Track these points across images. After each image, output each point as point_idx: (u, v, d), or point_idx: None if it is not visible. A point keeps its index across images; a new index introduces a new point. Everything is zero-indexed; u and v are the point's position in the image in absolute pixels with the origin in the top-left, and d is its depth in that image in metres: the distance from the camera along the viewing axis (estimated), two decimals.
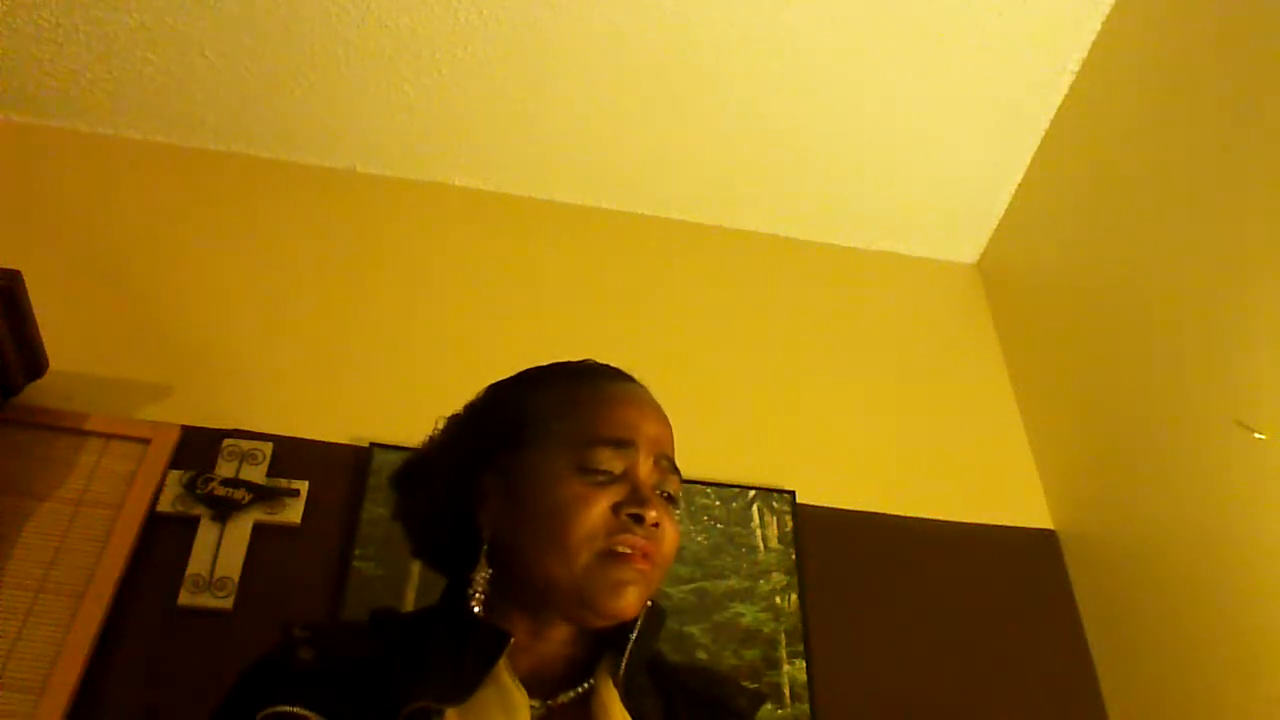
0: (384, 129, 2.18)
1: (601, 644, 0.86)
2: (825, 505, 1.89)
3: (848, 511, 1.91)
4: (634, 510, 0.84)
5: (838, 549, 1.86)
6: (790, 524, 1.84)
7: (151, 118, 2.15)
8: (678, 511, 0.92)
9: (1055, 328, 2.14)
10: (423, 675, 0.79)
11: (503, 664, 0.79)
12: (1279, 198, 1.57)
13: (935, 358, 2.24)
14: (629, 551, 0.83)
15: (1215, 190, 1.71)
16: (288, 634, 0.87)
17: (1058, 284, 2.16)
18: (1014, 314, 2.29)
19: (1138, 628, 1.78)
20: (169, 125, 2.17)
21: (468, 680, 0.78)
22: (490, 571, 0.86)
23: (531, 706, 0.79)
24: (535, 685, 0.81)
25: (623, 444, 0.88)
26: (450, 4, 1.97)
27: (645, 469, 0.88)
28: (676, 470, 0.92)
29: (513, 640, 0.80)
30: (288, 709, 0.76)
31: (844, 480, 1.95)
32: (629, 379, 0.99)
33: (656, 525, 0.85)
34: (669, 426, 0.95)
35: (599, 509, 0.84)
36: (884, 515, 1.93)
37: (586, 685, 0.82)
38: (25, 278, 1.53)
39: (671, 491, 0.90)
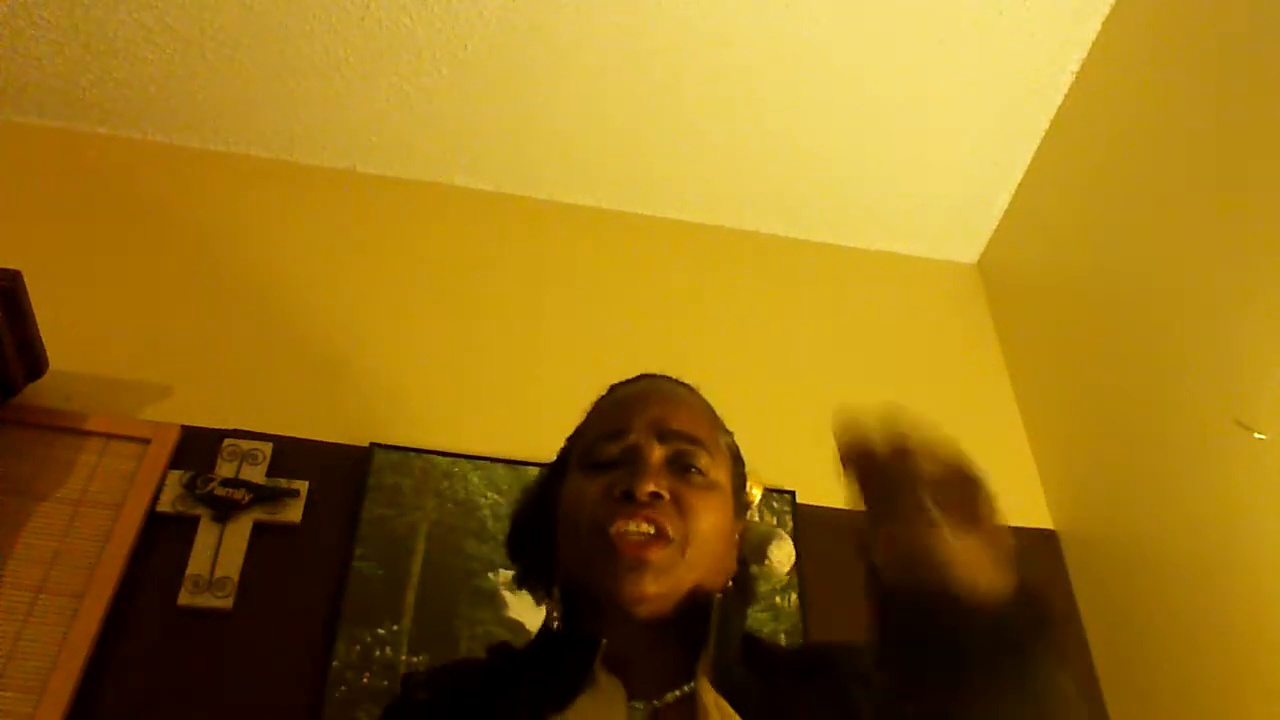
0: (384, 129, 2.18)
1: (701, 642, 0.83)
2: (825, 505, 1.89)
3: (848, 512, 1.90)
4: (624, 485, 0.83)
5: (838, 549, 1.85)
6: (790, 524, 1.84)
7: (151, 118, 2.15)
8: (717, 487, 0.88)
9: (1055, 328, 2.14)
10: (525, 691, 0.80)
11: (599, 669, 0.79)
12: (1278, 197, 1.57)
13: (935, 358, 2.24)
14: (624, 532, 0.81)
15: (1215, 190, 1.71)
16: (406, 683, 0.90)
17: (1058, 284, 2.16)
18: (1014, 314, 2.29)
19: (1138, 628, 1.78)
20: (169, 125, 2.17)
21: (566, 688, 0.78)
22: (561, 593, 0.88)
23: (636, 708, 0.78)
24: (641, 688, 0.79)
25: (616, 434, 0.88)
26: (450, 4, 1.97)
27: (650, 447, 0.86)
28: (699, 442, 0.89)
29: (604, 643, 0.80)
30: None
31: (844, 480, 1.95)
32: (651, 378, 0.98)
33: (659, 496, 0.82)
34: (687, 407, 0.93)
35: (594, 495, 0.84)
36: None
37: (690, 686, 0.80)
38: (25, 278, 1.53)
39: (698, 465, 0.87)
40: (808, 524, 1.85)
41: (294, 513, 1.67)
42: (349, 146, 2.22)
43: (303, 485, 1.70)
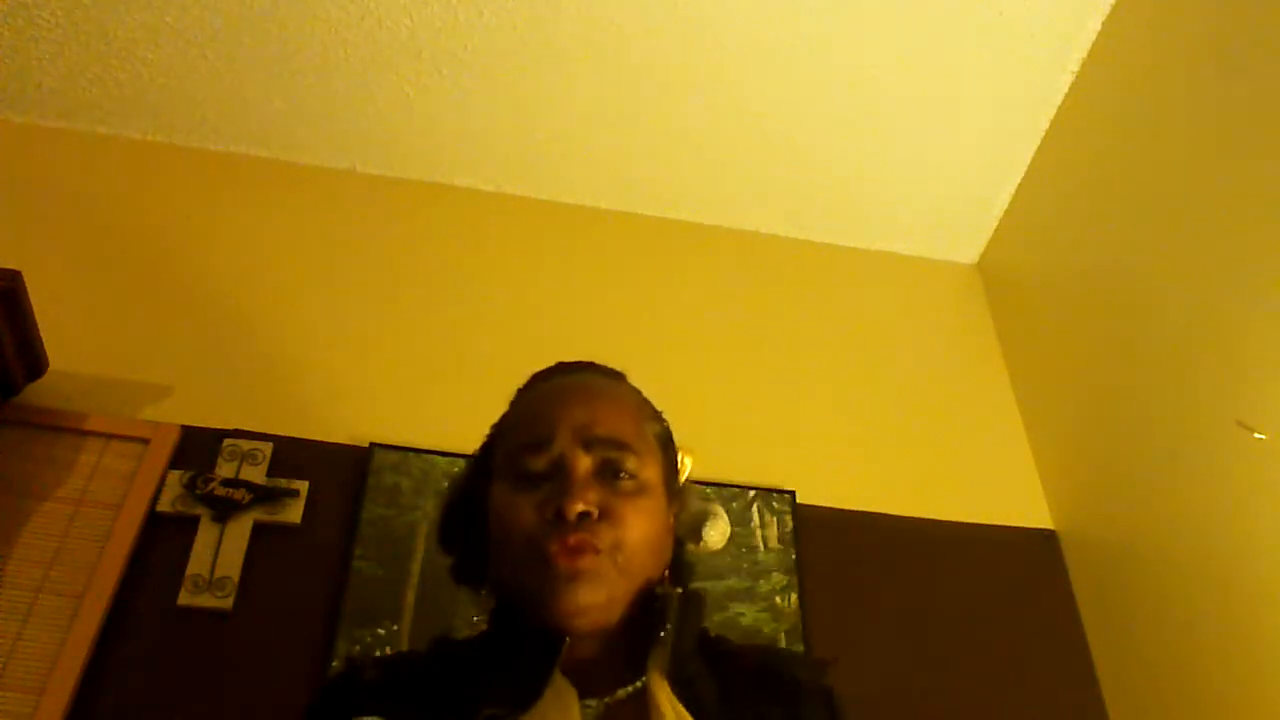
0: (384, 129, 2.18)
1: (651, 638, 0.83)
2: (825, 505, 1.89)
3: (848, 511, 1.91)
4: (554, 506, 0.82)
5: (838, 549, 1.86)
6: (790, 524, 1.84)
7: (151, 118, 2.15)
8: (648, 488, 0.87)
9: (1055, 328, 2.14)
10: (489, 684, 0.80)
11: (558, 669, 0.79)
12: (1278, 197, 1.57)
13: (935, 358, 2.24)
14: (552, 550, 0.80)
15: (1215, 190, 1.71)
16: (351, 662, 0.90)
17: (1058, 284, 2.16)
18: (1014, 314, 2.29)
19: (1138, 628, 1.78)
20: (169, 125, 2.17)
21: (531, 686, 0.78)
22: (495, 594, 0.89)
23: (589, 705, 0.78)
24: (592, 685, 0.80)
25: (540, 442, 0.86)
26: (450, 4, 1.97)
27: (576, 459, 0.85)
28: (626, 446, 0.87)
29: (568, 641, 0.80)
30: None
31: (844, 480, 1.95)
32: (571, 370, 0.97)
33: (587, 515, 0.82)
34: (611, 404, 0.91)
35: (526, 513, 0.83)
36: (884, 515, 1.93)
37: (641, 682, 0.80)
38: (25, 278, 1.53)
39: (627, 469, 0.86)
40: (808, 524, 1.86)
41: (294, 513, 1.67)
42: (349, 146, 2.22)
43: (303, 485, 1.70)
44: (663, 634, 0.81)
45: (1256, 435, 1.54)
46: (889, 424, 2.08)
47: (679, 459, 0.97)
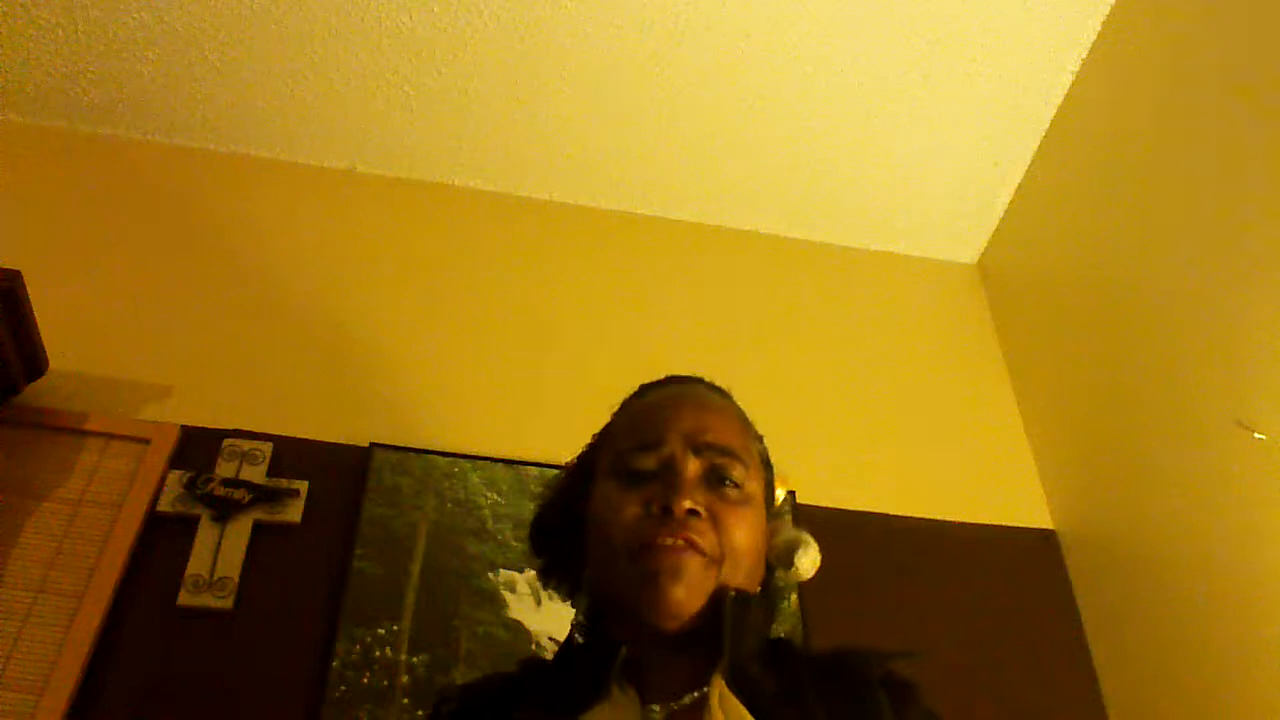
0: (384, 129, 2.18)
1: (717, 644, 0.83)
2: (825, 505, 1.89)
3: (848, 511, 1.91)
4: (662, 501, 0.83)
5: (838, 549, 1.85)
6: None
7: (151, 118, 2.15)
8: (751, 500, 0.88)
9: (1055, 328, 2.14)
10: (542, 697, 0.81)
11: (615, 678, 0.79)
12: (1278, 197, 1.57)
13: (935, 358, 2.24)
14: (658, 543, 0.81)
15: (1215, 190, 1.71)
16: (440, 694, 0.93)
17: (1058, 284, 2.16)
18: (1014, 314, 2.29)
19: (1138, 628, 1.78)
20: (169, 125, 2.17)
21: (584, 695, 0.79)
22: (587, 600, 0.88)
23: (653, 711, 0.78)
24: (660, 693, 0.80)
25: (651, 444, 0.87)
26: (450, 4, 1.97)
27: (686, 460, 0.86)
28: (734, 455, 0.88)
29: (624, 651, 0.80)
30: None
31: (844, 480, 1.95)
32: (681, 382, 0.98)
33: (695, 513, 0.82)
34: (721, 415, 0.93)
35: (631, 508, 0.84)
36: (884, 515, 1.93)
37: (704, 690, 0.80)
38: (25, 278, 1.53)
39: (733, 478, 0.87)
40: (808, 524, 1.84)
41: (294, 513, 1.67)
42: (349, 146, 2.22)
43: (303, 485, 1.70)
44: (726, 639, 0.81)
45: (1256, 435, 1.54)
46: (889, 424, 2.08)
47: (774, 485, 0.98)
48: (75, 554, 1.56)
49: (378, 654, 1.55)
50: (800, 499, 1.88)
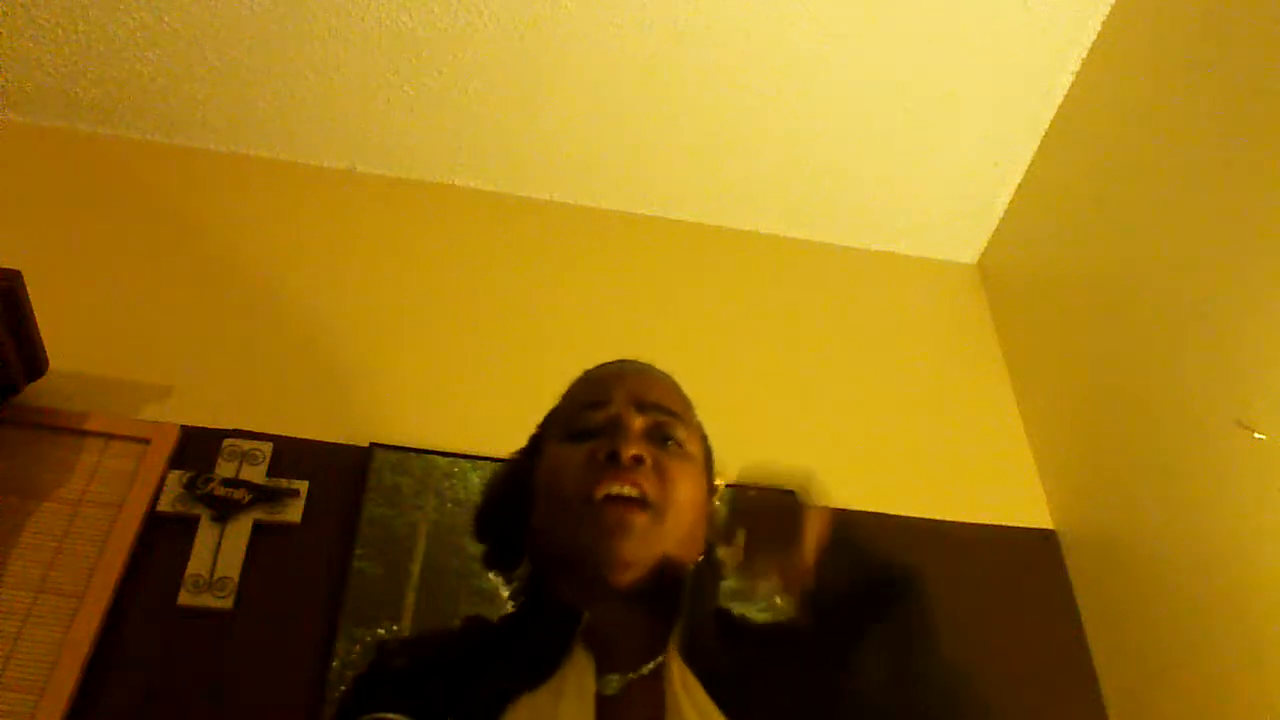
0: (384, 129, 2.18)
1: (673, 613, 0.84)
2: (824, 506, 1.89)
3: (848, 511, 1.90)
4: (608, 449, 0.85)
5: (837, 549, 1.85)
6: None
7: (151, 118, 2.15)
8: (692, 459, 0.91)
9: (1055, 328, 2.14)
10: (505, 663, 0.82)
11: (578, 642, 0.80)
12: (1278, 197, 1.57)
13: (935, 358, 2.24)
14: (611, 493, 0.83)
15: (1215, 190, 1.71)
16: (381, 649, 0.91)
17: (1058, 284, 2.16)
18: (1014, 314, 2.29)
19: (1138, 628, 1.78)
20: (169, 125, 2.17)
21: (548, 659, 0.80)
22: (530, 566, 0.91)
23: (611, 679, 0.79)
24: (617, 660, 0.81)
25: (597, 403, 0.91)
26: (450, 4, 1.97)
27: (631, 416, 0.89)
28: (676, 415, 0.92)
29: (586, 616, 0.81)
30: (383, 715, 0.79)
31: (844, 480, 1.94)
32: (623, 361, 1.01)
33: (640, 460, 0.85)
34: (661, 383, 0.97)
35: (579, 459, 0.87)
36: (884, 515, 1.93)
37: (661, 658, 0.81)
38: (25, 278, 1.53)
39: (676, 436, 0.91)
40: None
41: (294, 513, 1.67)
42: (349, 146, 2.22)
43: (303, 485, 1.70)
44: (683, 609, 0.83)
45: (1256, 435, 1.54)
46: (889, 424, 2.08)
47: (714, 466, 1.00)
48: (75, 554, 1.56)
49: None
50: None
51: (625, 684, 0.79)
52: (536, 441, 0.98)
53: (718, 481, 1.01)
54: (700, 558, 0.90)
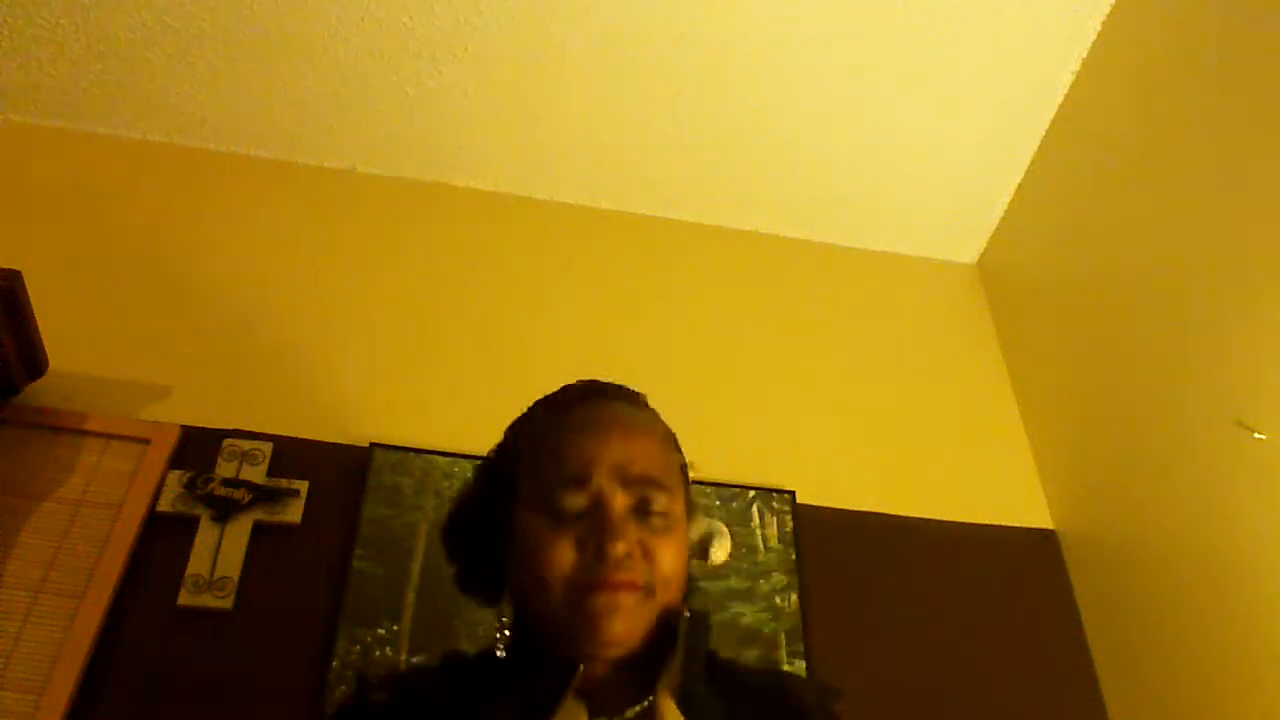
0: (384, 129, 2.18)
1: (661, 659, 0.85)
2: (825, 505, 1.89)
3: (848, 511, 1.91)
4: (595, 543, 0.83)
5: (838, 549, 1.86)
6: (790, 524, 1.84)
7: (151, 118, 2.15)
8: (676, 523, 0.89)
9: (1055, 328, 2.14)
10: (494, 708, 0.81)
11: (571, 692, 0.80)
12: (1278, 197, 1.57)
13: (935, 358, 2.24)
14: (597, 581, 0.82)
15: (1215, 190, 1.71)
16: (362, 683, 0.89)
17: (1058, 284, 2.16)
18: (1014, 314, 2.29)
19: (1138, 628, 1.78)
20: (169, 125, 2.17)
21: (539, 710, 0.79)
22: (514, 612, 0.89)
23: None
24: (603, 704, 0.81)
25: (579, 480, 0.86)
26: (450, 4, 1.97)
27: (615, 495, 0.86)
28: (659, 484, 0.88)
29: (581, 669, 0.81)
30: None
31: (844, 480, 1.95)
32: (601, 395, 0.96)
33: (630, 556, 0.83)
34: (645, 439, 0.92)
35: (564, 550, 0.84)
36: (884, 515, 1.93)
37: (648, 702, 0.82)
38: (25, 278, 1.53)
39: (659, 509, 0.87)
40: (807, 524, 1.85)
41: (294, 513, 1.67)
42: (349, 146, 2.22)
43: (303, 485, 1.70)
44: (674, 656, 0.83)
45: (1256, 435, 1.54)
46: (889, 424, 2.08)
47: (689, 483, 0.98)
48: (75, 554, 1.56)
49: (378, 654, 1.55)
50: (800, 499, 1.88)
51: None
52: (509, 476, 0.93)
53: (691, 474, 0.99)
54: (686, 606, 0.89)
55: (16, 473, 1.62)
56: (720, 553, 1.78)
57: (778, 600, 1.76)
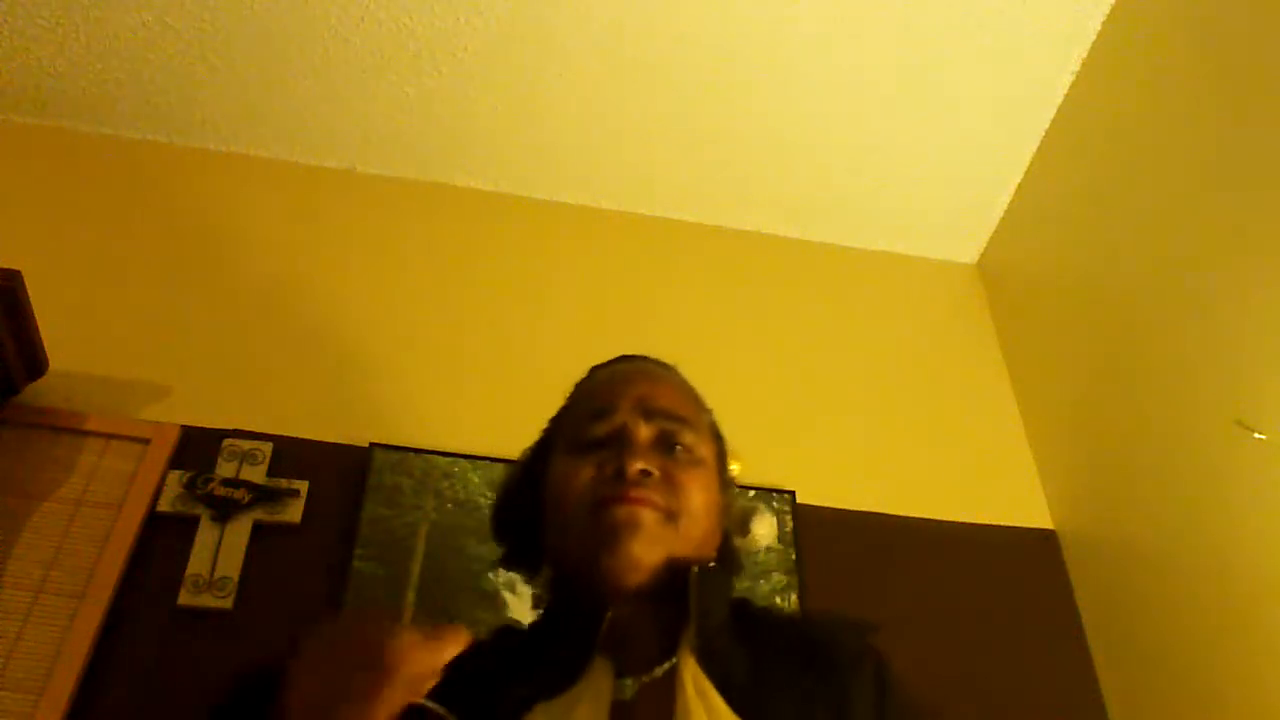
0: (384, 129, 2.18)
1: (684, 615, 0.84)
2: (825, 505, 1.89)
3: (848, 511, 1.91)
4: (614, 464, 0.84)
5: (838, 549, 1.86)
6: (790, 524, 1.84)
7: (151, 118, 2.15)
8: (702, 462, 0.90)
9: (1055, 328, 2.14)
10: (528, 671, 0.82)
11: (598, 647, 0.80)
12: (1278, 197, 1.57)
13: (935, 358, 2.24)
14: (614, 495, 0.82)
15: (1215, 190, 1.71)
16: None
17: (1058, 284, 2.16)
18: (1014, 314, 2.29)
19: (1138, 628, 1.78)
20: (169, 125, 2.17)
21: (569, 668, 0.79)
22: (550, 572, 0.90)
23: (625, 684, 0.79)
24: (632, 663, 0.80)
25: (603, 412, 0.89)
26: (450, 4, 1.97)
27: (637, 426, 0.88)
28: (683, 420, 0.90)
29: (609, 615, 0.80)
30: (421, 703, 0.77)
31: (844, 480, 1.95)
32: (630, 359, 1.00)
33: (648, 474, 0.84)
34: (670, 385, 0.95)
35: (585, 472, 0.86)
36: (884, 515, 1.93)
37: (674, 660, 0.81)
38: (25, 278, 1.53)
39: (683, 442, 0.89)
40: (807, 524, 1.85)
41: (294, 513, 1.67)
42: (349, 146, 2.22)
43: (303, 485, 1.70)
44: (692, 612, 0.82)
45: (1256, 435, 1.54)
46: (889, 424, 2.08)
47: (729, 461, 0.99)
48: (75, 554, 1.56)
49: None
50: (800, 499, 1.88)
51: (639, 688, 0.79)
52: (544, 445, 0.97)
53: (734, 466, 1.00)
54: (713, 556, 0.89)
55: (16, 473, 1.62)
56: (764, 530, 1.76)
57: (778, 600, 1.76)
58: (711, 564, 0.87)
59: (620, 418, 0.88)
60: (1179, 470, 1.73)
